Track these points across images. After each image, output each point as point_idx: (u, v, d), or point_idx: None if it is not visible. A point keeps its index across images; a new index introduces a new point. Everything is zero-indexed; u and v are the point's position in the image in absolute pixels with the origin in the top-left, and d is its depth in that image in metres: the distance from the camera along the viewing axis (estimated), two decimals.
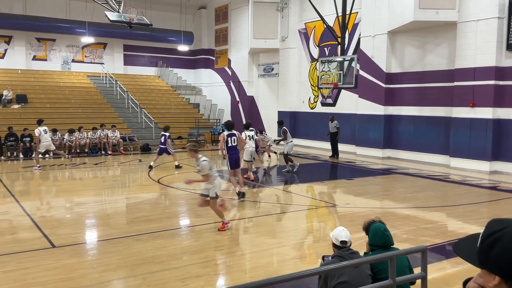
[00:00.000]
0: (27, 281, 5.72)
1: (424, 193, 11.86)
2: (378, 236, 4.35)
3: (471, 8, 15.20)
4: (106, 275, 6.00)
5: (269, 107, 25.68)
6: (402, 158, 18.15)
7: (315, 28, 22.41)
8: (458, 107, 15.81)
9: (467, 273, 1.91)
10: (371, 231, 4.41)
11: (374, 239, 4.35)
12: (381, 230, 4.39)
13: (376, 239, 4.34)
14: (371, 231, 4.41)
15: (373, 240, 4.36)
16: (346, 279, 3.88)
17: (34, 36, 26.33)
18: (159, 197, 11.41)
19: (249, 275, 6.09)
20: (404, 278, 3.81)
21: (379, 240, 4.33)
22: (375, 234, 4.37)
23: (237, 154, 11.24)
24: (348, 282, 3.87)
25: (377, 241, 4.33)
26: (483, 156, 15.13)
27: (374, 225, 4.46)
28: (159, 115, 24.17)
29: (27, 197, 11.05)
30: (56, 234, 7.77)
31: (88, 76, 27.12)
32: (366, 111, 19.14)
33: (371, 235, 4.39)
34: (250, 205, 10.52)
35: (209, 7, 30.34)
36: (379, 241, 4.32)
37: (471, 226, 8.57)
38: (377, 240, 4.33)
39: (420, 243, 7.18)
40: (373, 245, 4.34)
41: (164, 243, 7.35)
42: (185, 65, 31.40)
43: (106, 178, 14.78)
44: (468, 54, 15.37)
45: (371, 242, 4.37)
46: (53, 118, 20.98)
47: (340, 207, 10.45)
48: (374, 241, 4.35)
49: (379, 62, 18.55)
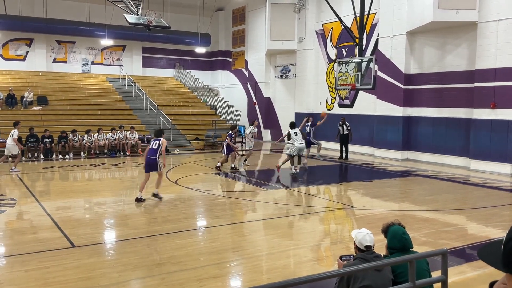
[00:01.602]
0: (48, 280, 5.81)
1: (444, 195, 11.70)
2: (396, 239, 4.29)
3: (492, 8, 14.97)
4: (125, 275, 6.06)
5: (286, 109, 25.65)
6: (421, 160, 17.94)
7: (332, 29, 22.32)
8: (479, 108, 15.57)
9: (488, 276, 1.88)
10: (390, 234, 4.35)
11: (392, 242, 4.30)
12: (400, 233, 4.32)
13: (395, 242, 4.28)
14: (390, 234, 4.35)
15: (391, 243, 4.30)
16: (369, 283, 3.83)
17: (55, 39, 26.80)
18: (177, 198, 11.48)
19: (266, 276, 6.08)
20: (424, 281, 3.76)
21: (397, 243, 4.27)
22: (394, 237, 4.31)
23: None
24: (371, 286, 3.82)
25: (395, 244, 4.27)
26: (504, 158, 14.86)
27: (392, 228, 4.38)
28: (177, 117, 24.33)
29: (48, 197, 11.23)
30: (76, 234, 7.88)
31: (107, 78, 27.47)
32: (384, 113, 18.97)
33: (390, 238, 4.33)
34: (267, 207, 10.51)
35: (227, 9, 30.45)
36: (397, 244, 4.26)
37: (492, 230, 8.42)
38: (395, 243, 4.27)
39: (439, 246, 7.08)
40: (392, 248, 4.28)
41: (182, 244, 7.40)
42: (202, 67, 31.58)
43: (124, 179, 14.93)
44: (489, 54, 15.13)
45: (390, 245, 4.31)
46: (73, 119, 21.32)
47: (358, 209, 10.37)
48: (392, 244, 4.29)
49: (398, 63, 18.38)
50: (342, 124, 18.36)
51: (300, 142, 14.65)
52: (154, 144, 10.89)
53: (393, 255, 4.22)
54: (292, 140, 14.87)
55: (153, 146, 10.88)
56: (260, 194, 12.20)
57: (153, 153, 10.82)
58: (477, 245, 7.44)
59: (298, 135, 14.72)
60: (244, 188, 13.31)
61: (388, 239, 4.35)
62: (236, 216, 9.76)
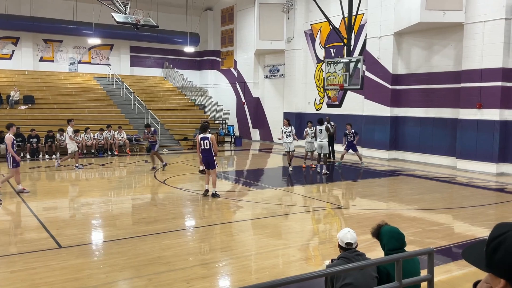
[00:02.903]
0: (34, 281, 5.76)
1: (431, 195, 11.81)
2: (395, 239, 4.17)
3: (478, 9, 15.14)
4: (112, 275, 6.03)
5: (274, 108, 25.69)
6: (408, 159, 18.09)
7: (321, 29, 22.40)
8: (465, 108, 15.74)
9: (473, 275, 1.91)
10: (386, 236, 4.20)
11: (391, 242, 4.15)
12: (397, 232, 4.21)
13: (394, 243, 4.15)
14: (386, 236, 4.20)
15: (390, 244, 4.15)
16: (351, 281, 3.86)
17: (41, 38, 26.51)
18: (165, 198, 11.44)
19: (255, 276, 6.09)
20: (410, 280, 3.79)
21: (397, 243, 4.15)
22: (392, 237, 4.17)
23: (209, 157, 11.06)
24: (353, 284, 3.86)
25: (395, 245, 4.14)
26: (490, 158, 15.05)
27: (385, 228, 4.26)
28: (165, 116, 24.23)
29: (34, 198, 11.11)
30: (63, 235, 7.81)
31: (94, 77, 27.25)
32: (372, 113, 19.10)
33: (387, 239, 4.18)
34: (255, 206, 10.52)
35: (215, 8, 30.40)
36: (396, 244, 4.14)
37: (478, 228, 8.53)
38: (394, 244, 4.14)
39: (426, 245, 7.15)
40: (391, 249, 4.12)
41: (170, 244, 7.37)
42: (191, 66, 31.49)
43: (112, 179, 14.84)
44: (475, 55, 15.30)
45: (388, 247, 4.15)
46: (60, 119, 21.09)
47: (346, 208, 10.43)
48: (392, 245, 4.14)
49: (385, 63, 18.51)
50: (327, 123, 18.40)
51: (323, 140, 15.04)
52: (205, 144, 10.91)
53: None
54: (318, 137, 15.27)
55: (205, 146, 10.92)
56: (249, 194, 12.21)
57: (209, 153, 10.93)
58: (463, 244, 7.52)
59: (323, 132, 15.10)
60: (233, 188, 13.31)
61: (385, 241, 4.20)
62: (224, 216, 9.75)
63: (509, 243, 1.27)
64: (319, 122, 15.48)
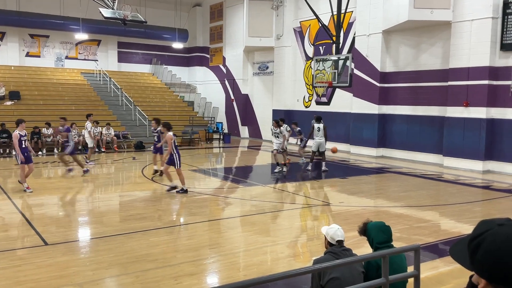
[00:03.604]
0: (19, 279, 5.69)
1: (417, 192, 11.90)
2: (382, 231, 4.25)
3: (466, 8, 15.26)
4: (99, 273, 5.98)
5: (263, 106, 25.68)
6: (395, 157, 18.21)
7: (310, 26, 22.42)
8: (452, 106, 15.88)
9: (460, 272, 1.92)
10: (373, 230, 4.27)
11: (380, 236, 4.23)
12: (383, 225, 4.30)
13: (382, 235, 4.23)
14: (373, 230, 4.27)
15: (378, 237, 4.23)
16: (338, 275, 3.91)
17: (28, 33, 26.16)
18: (153, 195, 11.37)
19: (243, 273, 6.08)
20: (397, 276, 3.81)
21: (384, 235, 4.23)
22: (379, 230, 4.25)
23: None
24: (339, 278, 3.90)
25: (383, 237, 4.22)
26: (476, 155, 15.21)
27: (372, 224, 4.34)
28: (153, 113, 24.03)
29: (20, 194, 10.97)
30: (49, 232, 7.73)
31: (81, 73, 26.99)
32: (361, 110, 19.18)
33: (375, 233, 4.25)
34: (244, 203, 10.51)
35: (204, 4, 30.26)
36: (384, 236, 4.23)
37: (464, 225, 8.61)
38: (383, 236, 4.22)
39: (413, 241, 7.21)
40: (380, 242, 4.20)
41: (158, 241, 7.33)
42: (179, 63, 31.33)
43: (99, 176, 14.71)
44: (462, 54, 15.43)
45: (377, 240, 4.22)
46: (46, 115, 20.87)
47: (334, 205, 10.47)
48: (380, 238, 4.22)
49: (374, 61, 18.59)
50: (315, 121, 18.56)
51: (320, 138, 14.96)
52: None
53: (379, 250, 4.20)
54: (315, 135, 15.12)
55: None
56: (237, 191, 12.20)
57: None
58: (449, 241, 7.60)
59: (321, 130, 14.98)
60: (221, 185, 13.28)
61: (373, 236, 4.27)
62: (213, 213, 9.73)
63: (488, 243, 1.26)
64: (317, 120, 15.17)
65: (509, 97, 14.71)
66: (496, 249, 1.24)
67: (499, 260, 1.23)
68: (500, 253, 1.24)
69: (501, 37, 14.68)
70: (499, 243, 1.25)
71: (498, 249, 1.24)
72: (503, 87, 14.83)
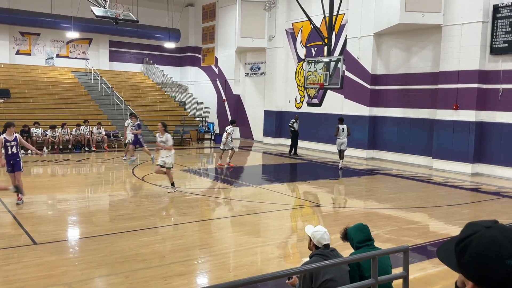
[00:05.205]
0: (8, 278, 5.64)
1: (407, 193, 11.98)
2: (360, 230, 4.43)
3: (456, 12, 15.40)
4: (88, 272, 5.95)
5: (255, 106, 25.69)
6: (386, 159, 18.31)
7: (302, 28, 22.48)
8: (442, 109, 16.01)
9: (448, 273, 1.94)
10: (352, 231, 4.48)
11: (359, 235, 4.41)
12: (361, 225, 4.50)
13: (360, 235, 4.41)
14: (352, 231, 4.48)
15: (357, 237, 4.41)
16: (332, 276, 3.94)
17: (18, 30, 25.93)
18: (144, 195, 11.33)
19: (233, 273, 6.09)
20: (386, 277, 3.85)
21: (362, 234, 4.41)
22: (358, 230, 4.45)
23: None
24: (333, 279, 3.94)
25: (362, 236, 4.40)
26: (465, 158, 15.34)
27: (351, 227, 4.54)
28: (144, 112, 24.01)
29: (8, 193, 10.86)
30: (38, 231, 7.67)
31: (72, 71, 26.79)
32: (351, 112, 19.26)
33: (354, 233, 4.44)
34: (234, 204, 10.51)
35: (197, 4, 30.21)
36: (363, 235, 4.40)
37: (453, 227, 8.69)
38: (361, 235, 4.40)
39: (402, 243, 7.25)
40: (360, 241, 4.38)
41: (147, 241, 7.31)
42: (171, 63, 31.24)
43: (89, 175, 14.63)
44: (453, 57, 15.57)
45: (358, 240, 4.40)
46: (36, 114, 20.71)
47: (324, 206, 10.51)
48: (360, 237, 4.40)
49: (365, 63, 18.69)
50: (296, 121, 19.53)
51: (343, 138, 15.59)
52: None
53: (360, 250, 4.30)
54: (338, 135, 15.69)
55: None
56: (228, 191, 12.20)
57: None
58: (438, 242, 7.66)
59: (345, 131, 15.64)
60: (212, 186, 13.27)
61: (352, 236, 4.46)
62: (203, 213, 9.72)
63: (474, 246, 1.27)
64: (341, 121, 15.94)
65: (498, 101, 14.87)
66: (483, 252, 1.26)
67: (485, 262, 1.25)
68: (486, 255, 1.25)
69: (491, 41, 14.83)
70: (486, 245, 1.26)
71: (485, 252, 1.26)
72: (492, 90, 14.98)
